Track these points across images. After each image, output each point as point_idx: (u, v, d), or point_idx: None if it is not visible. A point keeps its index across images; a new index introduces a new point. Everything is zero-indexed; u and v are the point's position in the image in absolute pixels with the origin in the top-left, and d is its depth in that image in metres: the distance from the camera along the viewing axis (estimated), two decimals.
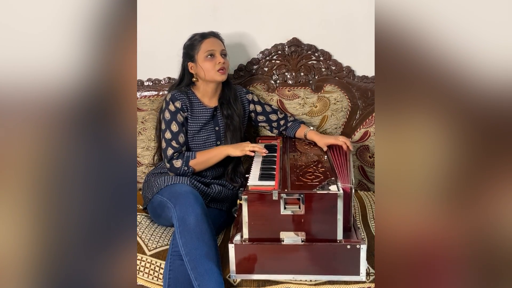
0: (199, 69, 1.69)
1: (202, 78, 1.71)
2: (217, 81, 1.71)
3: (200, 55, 1.68)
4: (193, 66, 1.71)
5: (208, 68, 1.67)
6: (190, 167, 1.64)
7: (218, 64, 1.67)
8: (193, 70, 1.72)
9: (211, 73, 1.68)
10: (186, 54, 1.73)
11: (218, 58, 1.67)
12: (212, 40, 1.70)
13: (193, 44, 1.70)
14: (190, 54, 1.71)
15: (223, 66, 1.68)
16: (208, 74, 1.68)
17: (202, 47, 1.68)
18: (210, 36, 1.71)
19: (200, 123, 1.72)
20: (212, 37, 1.71)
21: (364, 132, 1.99)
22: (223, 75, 1.69)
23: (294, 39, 1.96)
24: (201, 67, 1.68)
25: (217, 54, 1.68)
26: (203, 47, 1.68)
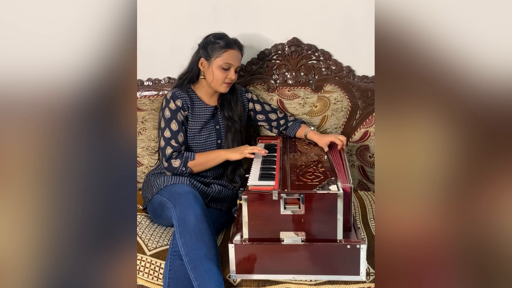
0: (209, 72, 1.67)
1: (207, 80, 1.70)
2: (220, 91, 1.71)
3: (217, 61, 1.65)
4: (205, 64, 1.69)
5: (218, 78, 1.66)
6: (188, 168, 1.63)
7: (228, 78, 1.66)
8: (203, 67, 1.70)
9: (218, 83, 1.67)
10: (204, 49, 1.68)
11: (231, 74, 1.66)
12: (235, 54, 1.67)
13: (216, 45, 1.65)
14: (209, 53, 1.66)
15: (231, 81, 1.68)
16: (214, 82, 1.67)
17: (223, 56, 1.65)
18: (236, 48, 1.68)
19: (201, 122, 1.72)
20: (237, 50, 1.68)
21: (364, 132, 1.99)
22: (227, 88, 1.69)
23: (294, 39, 1.96)
24: (212, 71, 1.66)
25: (232, 70, 1.66)
26: (224, 57, 1.65)
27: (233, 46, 1.67)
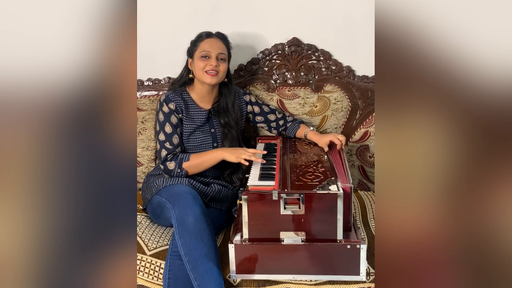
0: (194, 68, 1.69)
1: (195, 76, 1.71)
2: (206, 82, 1.68)
3: (197, 53, 1.68)
4: (191, 62, 1.72)
5: (198, 67, 1.66)
6: (183, 170, 1.62)
7: (209, 66, 1.65)
8: (191, 66, 1.72)
9: (200, 73, 1.67)
10: (189, 49, 1.74)
11: (211, 61, 1.65)
12: (213, 41, 1.68)
13: (196, 40, 1.70)
14: (191, 50, 1.71)
15: (215, 69, 1.65)
16: (197, 73, 1.68)
17: (201, 46, 1.68)
18: (213, 37, 1.70)
19: (195, 125, 1.71)
20: (215, 37, 1.70)
21: (364, 132, 1.99)
22: (213, 77, 1.66)
23: (294, 39, 1.96)
24: (194, 65, 1.69)
25: (212, 56, 1.66)
26: (201, 46, 1.67)
27: (211, 35, 1.70)
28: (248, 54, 1.97)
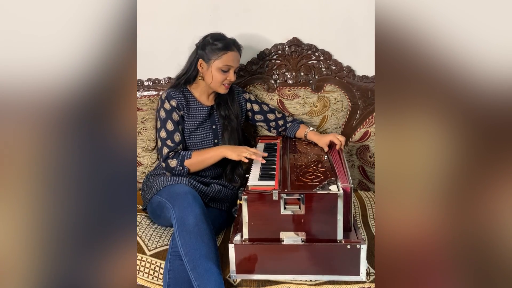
0: (208, 74, 1.67)
1: (206, 81, 1.70)
2: (219, 92, 1.71)
3: (216, 63, 1.65)
4: (203, 66, 1.68)
5: (217, 79, 1.66)
6: (185, 167, 1.63)
7: (227, 80, 1.67)
8: (202, 68, 1.69)
9: (217, 85, 1.68)
10: (202, 50, 1.67)
11: (230, 76, 1.67)
12: (234, 55, 1.67)
13: (215, 47, 1.65)
14: (207, 54, 1.66)
15: (230, 82, 1.69)
16: (214, 84, 1.68)
17: (223, 58, 1.64)
18: (235, 50, 1.67)
19: (197, 121, 1.72)
20: (235, 51, 1.68)
21: (364, 132, 1.99)
22: (226, 89, 1.70)
23: (294, 39, 1.96)
24: (211, 73, 1.66)
25: (231, 71, 1.67)
26: (224, 59, 1.64)
27: (232, 48, 1.67)
28: (248, 54, 1.96)
